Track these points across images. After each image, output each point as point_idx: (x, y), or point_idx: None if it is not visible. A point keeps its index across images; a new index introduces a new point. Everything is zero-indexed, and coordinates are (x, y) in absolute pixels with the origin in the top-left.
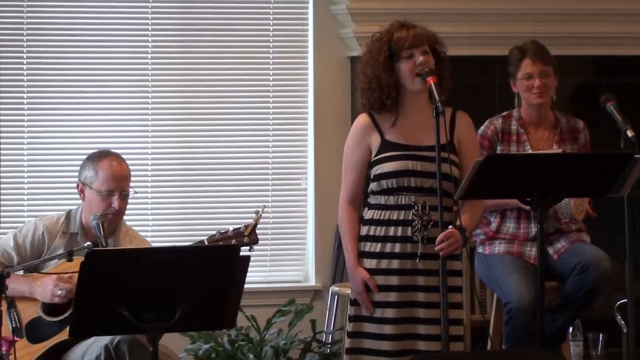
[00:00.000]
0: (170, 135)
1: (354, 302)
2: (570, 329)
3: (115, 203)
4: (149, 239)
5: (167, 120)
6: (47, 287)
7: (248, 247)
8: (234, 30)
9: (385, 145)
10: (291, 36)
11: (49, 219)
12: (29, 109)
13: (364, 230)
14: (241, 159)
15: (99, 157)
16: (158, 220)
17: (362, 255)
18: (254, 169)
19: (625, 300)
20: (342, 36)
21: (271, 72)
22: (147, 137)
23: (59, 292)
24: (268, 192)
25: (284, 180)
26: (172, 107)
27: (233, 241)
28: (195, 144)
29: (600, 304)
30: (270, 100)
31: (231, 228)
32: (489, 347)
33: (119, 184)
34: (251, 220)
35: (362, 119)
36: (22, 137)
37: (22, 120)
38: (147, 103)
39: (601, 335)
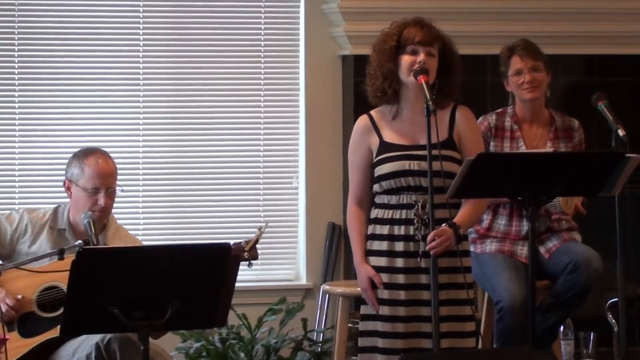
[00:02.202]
0: (161, 135)
1: (364, 301)
2: (561, 327)
3: (102, 200)
4: (140, 238)
5: (158, 120)
6: None
7: (247, 263)
8: (225, 29)
9: (383, 147)
10: (282, 35)
11: (35, 211)
12: (20, 107)
13: (370, 229)
14: (232, 158)
15: (85, 154)
16: (149, 220)
17: (369, 253)
18: (245, 168)
19: (616, 299)
20: (333, 35)
21: (262, 71)
22: (139, 136)
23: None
24: (259, 191)
25: (275, 179)
26: (163, 106)
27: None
28: (186, 143)
29: (591, 303)
30: (262, 99)
31: (232, 242)
32: (479, 346)
33: (104, 181)
34: (253, 235)
35: (361, 121)
36: (14, 136)
37: (14, 119)
38: (139, 102)
39: (592, 334)
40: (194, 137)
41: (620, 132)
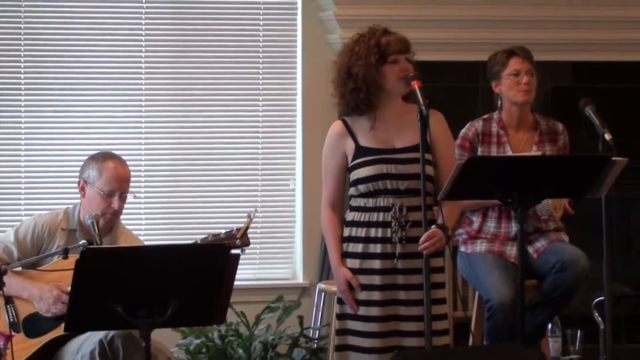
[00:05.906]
0: (162, 137)
1: (340, 301)
2: (549, 325)
3: (115, 203)
4: (141, 238)
5: (160, 122)
6: (47, 300)
7: (240, 250)
8: (224, 35)
9: (360, 151)
10: (280, 42)
11: (47, 215)
12: (26, 110)
13: (346, 231)
14: (231, 161)
15: (103, 158)
16: (151, 220)
17: (345, 255)
18: (244, 171)
19: (603, 297)
20: (329, 42)
21: (261, 77)
22: (140, 138)
23: (54, 310)
24: (257, 193)
25: (273, 181)
26: (164, 109)
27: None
28: (187, 146)
29: (578, 301)
30: (260, 103)
31: (223, 231)
32: (470, 343)
33: (120, 185)
34: (243, 223)
35: (336, 127)
36: (19, 138)
37: (19, 121)
38: (141, 105)
39: (579, 331)
40: (194, 140)
41: (607, 137)
